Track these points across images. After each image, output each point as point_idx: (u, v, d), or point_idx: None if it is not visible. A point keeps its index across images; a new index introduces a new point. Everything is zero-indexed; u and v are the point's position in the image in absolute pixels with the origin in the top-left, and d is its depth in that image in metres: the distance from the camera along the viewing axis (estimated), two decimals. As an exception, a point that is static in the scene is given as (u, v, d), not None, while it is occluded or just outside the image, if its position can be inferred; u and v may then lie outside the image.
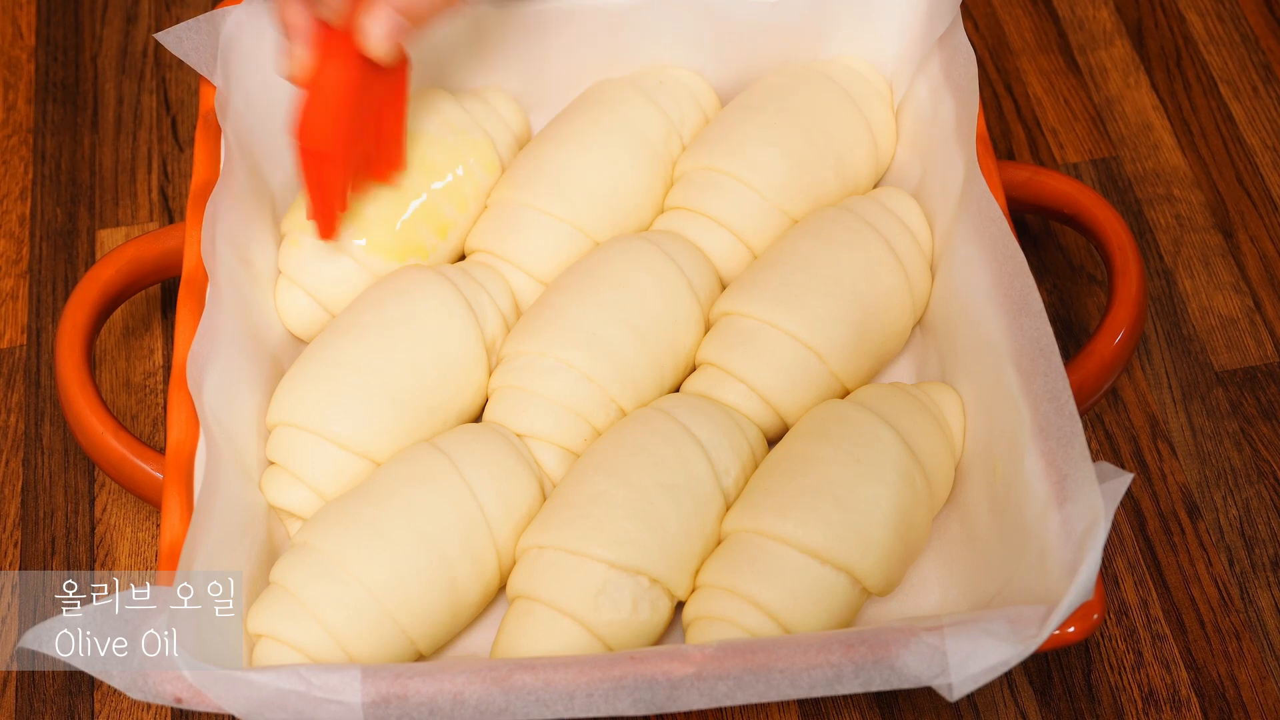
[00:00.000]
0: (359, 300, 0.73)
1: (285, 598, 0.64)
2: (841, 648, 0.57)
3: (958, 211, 0.71)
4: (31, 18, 0.94)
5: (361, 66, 0.68)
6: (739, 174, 0.76)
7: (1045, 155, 0.87)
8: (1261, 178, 0.86)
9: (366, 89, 0.69)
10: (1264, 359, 0.80)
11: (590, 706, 0.57)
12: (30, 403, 0.80)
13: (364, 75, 0.68)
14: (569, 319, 0.71)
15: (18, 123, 0.90)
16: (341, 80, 0.67)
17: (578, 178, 0.76)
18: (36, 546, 0.75)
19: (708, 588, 0.65)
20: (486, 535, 0.66)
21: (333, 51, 0.67)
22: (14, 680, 0.71)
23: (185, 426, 0.65)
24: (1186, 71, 0.90)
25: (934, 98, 0.76)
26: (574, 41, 0.80)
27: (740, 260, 0.76)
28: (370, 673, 0.57)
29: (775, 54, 0.81)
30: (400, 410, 0.69)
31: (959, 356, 0.71)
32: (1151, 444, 0.77)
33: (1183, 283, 0.82)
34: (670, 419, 0.69)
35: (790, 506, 0.65)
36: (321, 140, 0.68)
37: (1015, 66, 0.91)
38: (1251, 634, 0.71)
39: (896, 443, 0.67)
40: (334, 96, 0.68)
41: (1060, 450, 0.61)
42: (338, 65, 0.67)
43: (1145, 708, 0.70)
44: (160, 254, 0.74)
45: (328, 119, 0.68)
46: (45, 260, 0.85)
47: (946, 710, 0.69)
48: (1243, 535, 0.74)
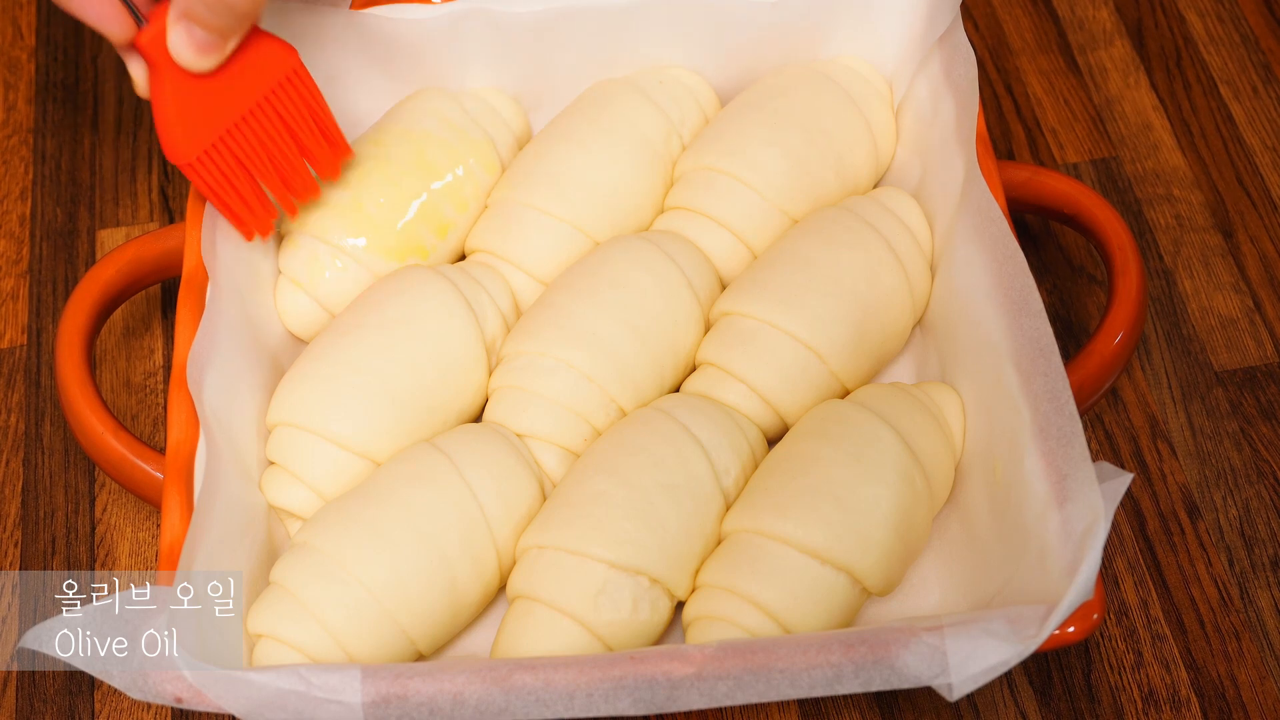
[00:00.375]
0: (359, 300, 0.73)
1: (285, 598, 0.64)
2: (841, 648, 0.57)
3: (958, 211, 0.71)
4: (31, 18, 0.94)
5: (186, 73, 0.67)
6: (739, 174, 0.76)
7: (1045, 155, 0.87)
8: (1261, 178, 0.86)
9: (216, 89, 0.67)
10: (1264, 359, 0.80)
11: (590, 706, 0.57)
12: (30, 403, 0.80)
13: (201, 78, 0.67)
14: (569, 319, 0.71)
15: (18, 123, 0.90)
16: (175, 86, 0.66)
17: (578, 178, 0.76)
18: (36, 546, 0.75)
19: (708, 588, 0.65)
20: (486, 535, 0.66)
21: (154, 65, 0.66)
22: (14, 680, 0.71)
23: (185, 426, 0.65)
24: (1186, 71, 0.90)
25: (934, 98, 0.76)
26: (574, 41, 0.80)
27: (740, 260, 0.76)
28: (370, 673, 0.57)
29: (775, 54, 0.81)
30: (400, 410, 0.69)
31: (959, 356, 0.71)
32: (1151, 444, 0.77)
33: (1183, 283, 0.82)
34: (670, 419, 0.69)
35: (790, 506, 0.65)
36: (178, 151, 0.67)
37: (1015, 66, 0.91)
38: (1251, 634, 0.71)
39: (896, 443, 0.67)
40: (172, 104, 0.67)
41: (1060, 450, 0.61)
42: (162, 76, 0.66)
43: (1145, 708, 0.70)
44: (160, 254, 0.74)
45: (177, 128, 0.67)
46: (45, 260, 0.85)
47: (946, 710, 0.70)
48: (1243, 535, 0.74)
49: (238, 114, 0.68)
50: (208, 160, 0.68)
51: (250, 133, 0.69)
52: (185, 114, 0.67)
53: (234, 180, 0.70)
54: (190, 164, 0.68)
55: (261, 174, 0.70)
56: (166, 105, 0.67)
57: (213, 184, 0.69)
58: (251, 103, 0.69)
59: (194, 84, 0.67)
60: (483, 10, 0.78)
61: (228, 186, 0.70)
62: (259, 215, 0.71)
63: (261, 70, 0.69)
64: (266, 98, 0.69)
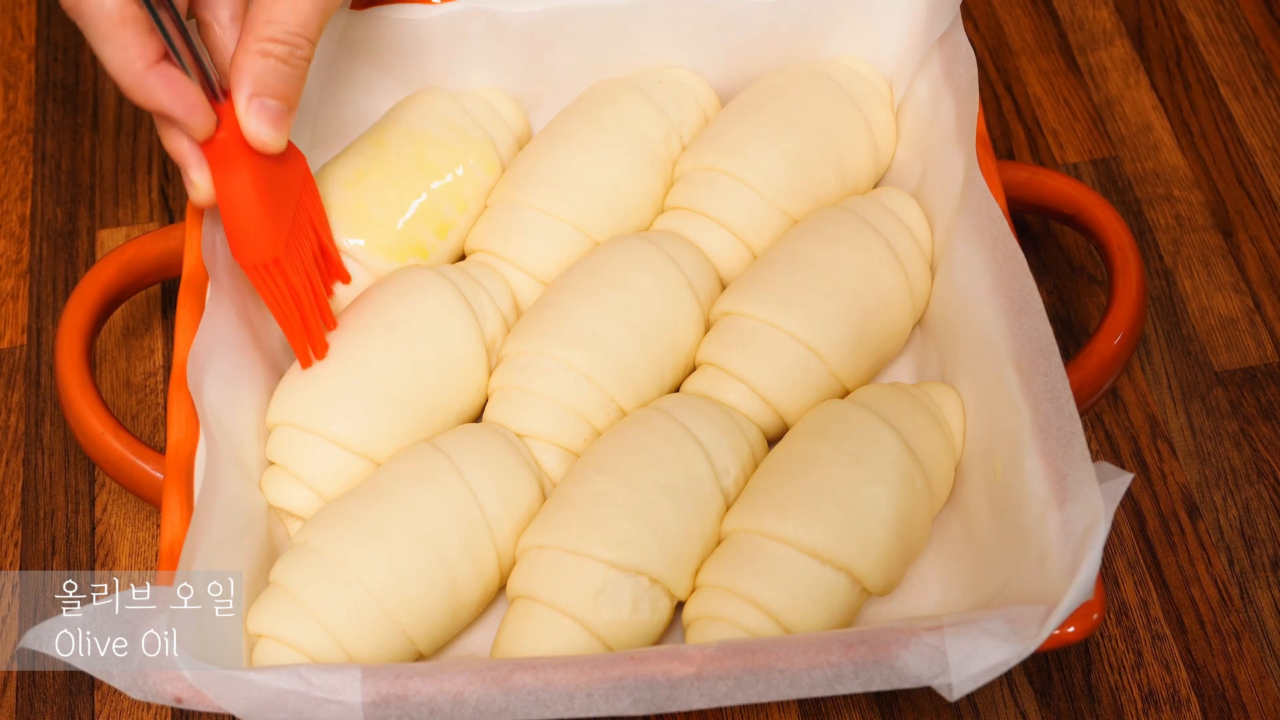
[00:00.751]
0: (359, 300, 0.73)
1: (285, 598, 0.64)
2: (841, 648, 0.57)
3: (958, 211, 0.71)
4: (31, 18, 0.94)
5: (258, 163, 0.66)
6: (739, 174, 0.76)
7: (1045, 155, 0.87)
8: (1261, 178, 0.86)
9: (278, 183, 0.67)
10: (1264, 359, 0.80)
11: (590, 706, 0.57)
12: (30, 403, 0.80)
13: (266, 171, 0.66)
14: (569, 319, 0.71)
15: (18, 123, 0.90)
16: (246, 183, 0.66)
17: (578, 178, 0.76)
18: (36, 546, 0.75)
19: (708, 588, 0.65)
20: (486, 535, 0.66)
21: (227, 163, 0.65)
22: (14, 680, 0.71)
23: (185, 426, 0.65)
24: (1186, 71, 0.90)
25: (934, 98, 0.76)
26: (574, 41, 0.80)
27: (740, 260, 0.76)
28: (370, 673, 0.57)
29: (775, 54, 0.81)
30: (400, 410, 0.69)
31: (959, 356, 0.71)
32: (1151, 444, 0.77)
33: (1183, 283, 0.82)
34: (670, 419, 0.69)
35: (790, 506, 0.65)
36: (259, 249, 0.66)
37: (1015, 66, 0.91)
38: (1251, 634, 0.71)
39: (896, 443, 0.67)
40: (245, 202, 0.66)
41: (1060, 450, 0.61)
42: (239, 172, 0.65)
43: (1145, 708, 0.70)
44: (160, 254, 0.74)
45: (253, 226, 0.66)
46: (45, 260, 0.85)
47: (946, 710, 0.70)
48: (1243, 535, 0.74)
49: (291, 212, 0.68)
50: (285, 259, 0.67)
51: (299, 235, 0.69)
52: (262, 210, 0.66)
53: (308, 280, 0.69)
54: (276, 260, 0.67)
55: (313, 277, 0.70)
56: (242, 204, 0.66)
57: (291, 284, 0.68)
58: (295, 201, 0.69)
59: (262, 179, 0.66)
60: (483, 10, 0.78)
61: (304, 287, 0.69)
62: (316, 330, 0.70)
63: (293, 168, 0.69)
64: (300, 197, 0.69)
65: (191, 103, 0.63)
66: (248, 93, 0.64)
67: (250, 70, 0.64)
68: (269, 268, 0.67)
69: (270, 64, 0.64)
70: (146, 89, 0.62)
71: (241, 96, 0.64)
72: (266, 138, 0.65)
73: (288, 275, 0.68)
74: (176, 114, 0.63)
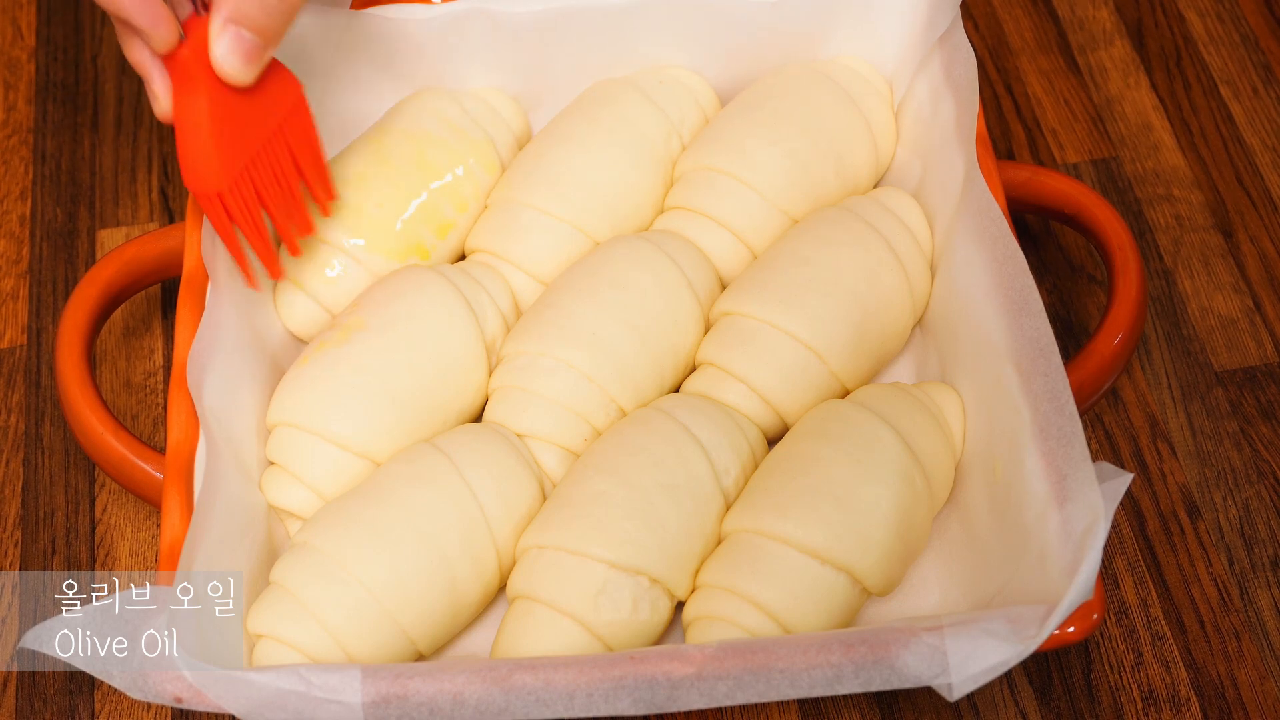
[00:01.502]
0: (359, 300, 0.73)
1: (285, 598, 0.64)
2: (841, 648, 0.57)
3: (958, 211, 0.71)
4: (31, 18, 0.94)
5: (224, 92, 0.63)
6: (739, 174, 0.76)
7: (1045, 155, 0.87)
8: (1261, 178, 0.86)
9: (244, 114, 0.64)
10: (1264, 359, 0.80)
11: (590, 706, 0.57)
12: (30, 403, 0.80)
13: (229, 96, 0.64)
14: (569, 319, 0.71)
15: (18, 123, 0.90)
16: (203, 107, 0.63)
17: (578, 178, 0.76)
18: (36, 546, 0.75)
19: (708, 588, 0.65)
20: (486, 535, 0.66)
21: (188, 83, 0.63)
22: (14, 680, 0.71)
23: (185, 426, 0.65)
24: (1186, 71, 0.90)
25: (934, 98, 0.76)
26: (574, 41, 0.80)
27: (740, 260, 0.76)
28: (370, 673, 0.57)
29: (775, 54, 0.81)
30: (400, 410, 0.69)
31: (959, 356, 0.71)
32: (1151, 444, 0.77)
33: (1183, 283, 0.82)
34: (670, 419, 0.69)
35: (790, 506, 0.65)
36: (207, 179, 0.64)
37: (1015, 66, 0.91)
38: (1251, 634, 0.71)
39: (896, 443, 0.67)
40: (200, 127, 0.63)
41: (1060, 450, 0.61)
42: (198, 96, 0.63)
43: (1145, 708, 0.70)
44: (160, 254, 0.74)
45: (205, 153, 0.64)
46: (45, 260, 0.85)
47: (946, 710, 0.70)
48: (1242, 535, 0.74)
49: (257, 144, 0.66)
50: (232, 192, 0.65)
51: (266, 165, 0.67)
52: (213, 140, 0.63)
53: (252, 216, 0.67)
54: (219, 194, 0.65)
55: (272, 208, 0.68)
56: (194, 130, 0.63)
57: (235, 217, 0.66)
58: (267, 133, 0.66)
59: (222, 107, 0.63)
60: (483, 10, 0.78)
61: (247, 221, 0.67)
62: (269, 257, 0.70)
63: (274, 99, 0.66)
64: (279, 128, 0.67)
65: (156, 12, 0.61)
66: (224, 16, 0.62)
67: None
68: (216, 198, 0.65)
69: None
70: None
71: (217, 19, 0.62)
72: (232, 69, 0.62)
73: (240, 206, 0.66)
74: (140, 22, 0.61)
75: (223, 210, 0.66)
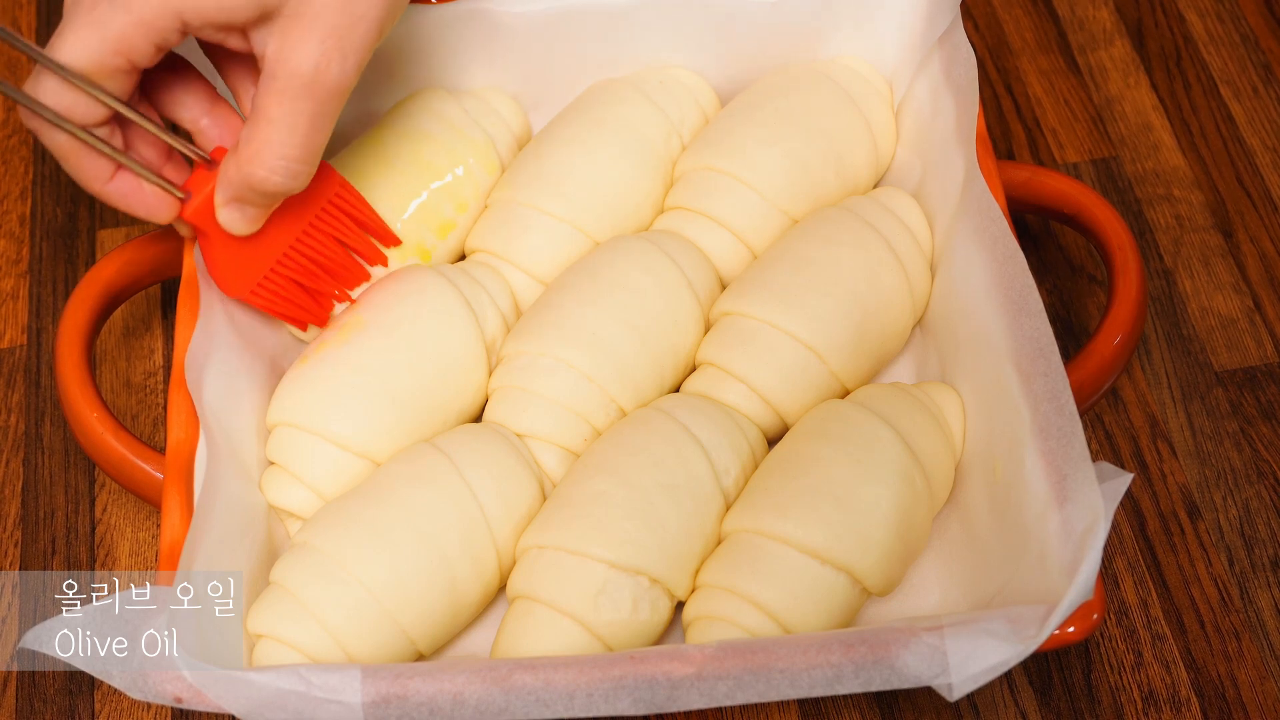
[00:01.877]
0: (359, 300, 0.73)
1: (285, 598, 0.64)
2: (841, 648, 0.57)
3: (958, 211, 0.71)
4: (31, 18, 0.94)
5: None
6: (739, 174, 0.76)
7: (1045, 155, 0.87)
8: (1261, 178, 0.86)
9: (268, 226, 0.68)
10: (1264, 359, 0.80)
11: (590, 706, 0.57)
12: (30, 403, 0.80)
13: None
14: (569, 319, 0.71)
15: (18, 122, 0.90)
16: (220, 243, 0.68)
17: (578, 178, 0.76)
18: (36, 546, 0.75)
19: (708, 588, 0.65)
20: (486, 535, 0.66)
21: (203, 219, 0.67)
22: (14, 680, 0.71)
23: (185, 426, 0.65)
24: (1186, 71, 0.90)
25: (934, 98, 0.76)
26: (574, 41, 0.80)
27: (740, 260, 0.76)
28: (370, 673, 0.57)
29: (775, 54, 0.81)
30: (400, 410, 0.69)
31: (959, 356, 0.71)
32: (1151, 444, 0.77)
33: (1183, 283, 0.82)
34: (670, 419, 0.69)
35: (790, 506, 0.65)
36: (234, 288, 0.69)
37: (1015, 66, 0.91)
38: (1251, 634, 0.71)
39: (896, 443, 0.67)
40: (222, 254, 0.68)
41: (1060, 450, 0.61)
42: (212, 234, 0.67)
43: (1145, 708, 0.70)
44: (160, 254, 0.74)
45: (229, 270, 0.69)
46: (45, 260, 0.85)
47: (946, 710, 0.70)
48: (1243, 535, 0.74)
49: (287, 243, 0.70)
50: (263, 288, 0.70)
51: (301, 253, 0.71)
52: (236, 257, 0.68)
53: (290, 295, 0.72)
54: (246, 297, 0.70)
55: (314, 282, 0.72)
56: (217, 256, 0.68)
57: (271, 304, 0.71)
58: (299, 229, 0.70)
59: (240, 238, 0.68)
60: (483, 10, 0.78)
61: (285, 301, 0.72)
62: (316, 313, 0.74)
63: (305, 196, 0.70)
64: (313, 221, 0.71)
65: (150, 206, 0.66)
66: (226, 197, 0.66)
67: (235, 185, 0.64)
68: (254, 294, 0.70)
69: (256, 187, 0.64)
70: (110, 200, 0.65)
71: (220, 197, 0.66)
72: (239, 231, 0.67)
73: (278, 290, 0.71)
74: (138, 215, 0.66)
75: (259, 300, 0.71)
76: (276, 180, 0.63)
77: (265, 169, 0.63)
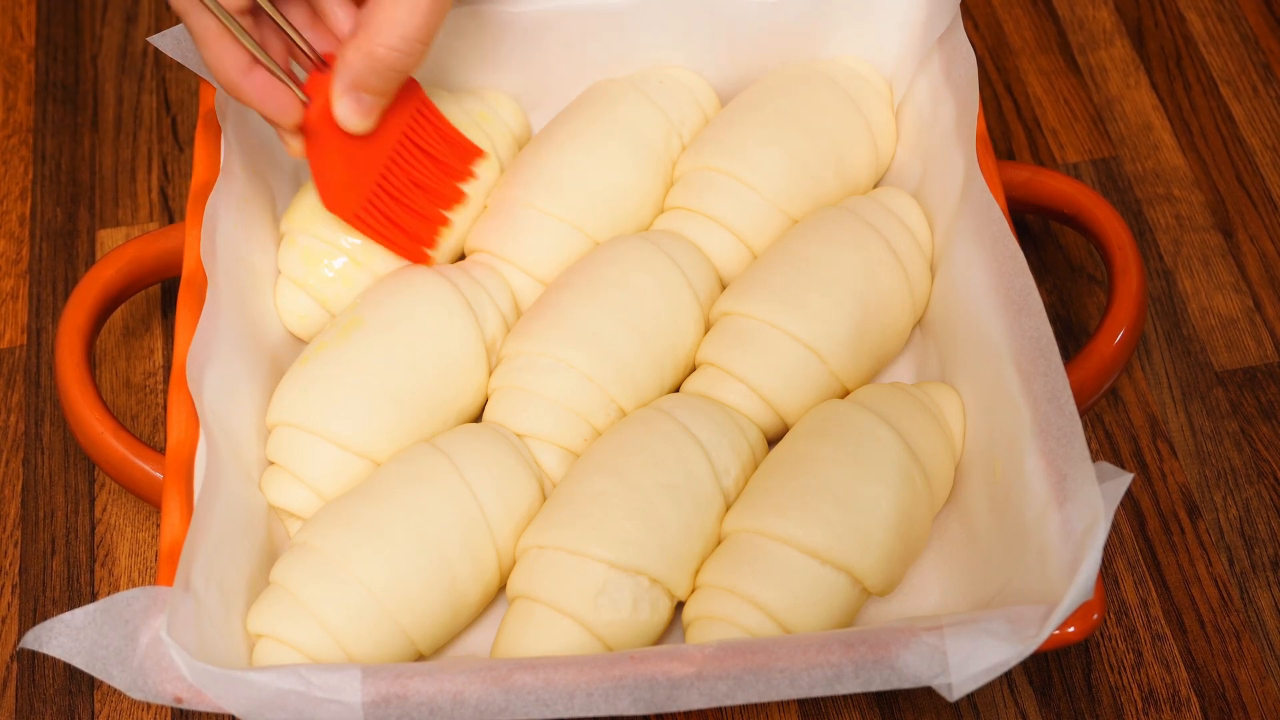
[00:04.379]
0: (359, 300, 0.73)
1: (285, 598, 0.64)
2: (841, 648, 0.57)
3: (958, 211, 0.71)
4: (31, 18, 0.94)
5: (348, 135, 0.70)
6: (739, 174, 0.76)
7: (1045, 155, 0.87)
8: (1261, 178, 0.86)
9: (370, 137, 0.70)
10: (1264, 359, 0.80)
11: (590, 706, 0.57)
12: (30, 403, 0.80)
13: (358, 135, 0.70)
14: (569, 319, 0.71)
15: (18, 123, 0.90)
16: (334, 152, 0.69)
17: (578, 178, 0.76)
18: (36, 546, 0.75)
19: (708, 588, 0.65)
20: (486, 535, 0.66)
21: (316, 135, 0.69)
22: (14, 680, 0.71)
23: (185, 426, 0.65)
24: (1186, 71, 0.90)
25: (934, 98, 0.76)
26: (574, 41, 0.80)
27: (740, 260, 0.76)
28: (370, 673, 0.57)
29: (775, 54, 0.81)
30: (400, 410, 0.69)
31: (959, 356, 0.71)
32: (1151, 444, 0.77)
33: (1183, 283, 0.82)
34: (670, 419, 0.69)
35: (790, 506, 0.65)
36: (345, 204, 0.71)
37: (1015, 66, 0.91)
38: (1251, 634, 0.71)
39: (896, 443, 0.67)
40: (333, 165, 0.70)
41: (1060, 450, 0.61)
42: (327, 143, 0.69)
43: (1145, 708, 0.70)
44: (160, 254, 0.74)
45: (339, 184, 0.70)
46: (45, 260, 0.85)
47: (946, 710, 0.70)
48: (1243, 535, 0.74)
49: (386, 158, 0.71)
50: (368, 212, 0.72)
51: (399, 170, 0.72)
52: (345, 171, 0.70)
53: (395, 217, 0.73)
54: (357, 214, 0.71)
55: (415, 202, 0.73)
56: (328, 168, 0.70)
57: (378, 226, 0.72)
58: (395, 143, 0.72)
59: (351, 143, 0.70)
60: (483, 10, 0.78)
61: (390, 225, 0.73)
62: (422, 238, 0.75)
63: (395, 110, 0.71)
64: (405, 134, 0.72)
65: (280, 104, 0.67)
66: (345, 84, 0.67)
67: (354, 67, 0.66)
68: (358, 215, 0.71)
69: (377, 67, 0.66)
70: (240, 93, 0.67)
71: (338, 86, 0.67)
72: (355, 126, 0.68)
73: (383, 211, 0.72)
74: (266, 114, 0.68)
75: (366, 224, 0.72)
76: (396, 58, 0.65)
77: (385, 47, 0.65)
